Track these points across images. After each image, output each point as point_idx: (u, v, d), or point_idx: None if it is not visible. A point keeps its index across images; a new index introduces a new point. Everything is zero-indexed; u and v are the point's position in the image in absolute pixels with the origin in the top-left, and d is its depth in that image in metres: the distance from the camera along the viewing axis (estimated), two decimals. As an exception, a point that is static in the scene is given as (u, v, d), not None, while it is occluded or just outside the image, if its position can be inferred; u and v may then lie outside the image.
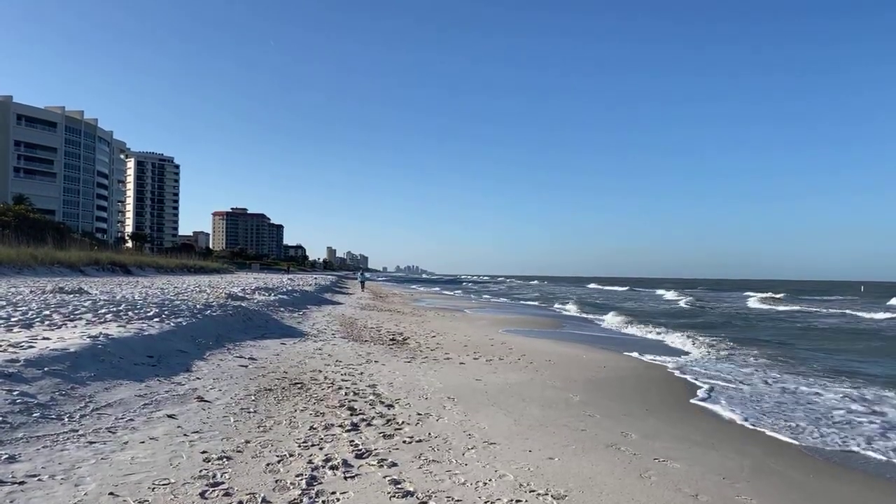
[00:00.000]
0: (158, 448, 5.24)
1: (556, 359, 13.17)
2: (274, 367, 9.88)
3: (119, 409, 6.37)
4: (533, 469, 5.35)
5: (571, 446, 6.22)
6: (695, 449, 6.44)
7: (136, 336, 9.56)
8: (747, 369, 12.70)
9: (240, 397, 7.51)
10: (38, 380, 6.46)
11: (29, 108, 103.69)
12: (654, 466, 5.68)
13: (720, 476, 5.52)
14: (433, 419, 7.05)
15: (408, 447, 5.82)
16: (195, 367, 9.14)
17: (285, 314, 19.52)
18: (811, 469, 6.07)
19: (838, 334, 23.22)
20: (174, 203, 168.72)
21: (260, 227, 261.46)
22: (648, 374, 11.82)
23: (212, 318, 13.55)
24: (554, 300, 48.66)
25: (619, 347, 16.29)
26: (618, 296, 63.73)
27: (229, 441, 5.62)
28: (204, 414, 6.55)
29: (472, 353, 13.53)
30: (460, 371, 10.91)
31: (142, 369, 8.22)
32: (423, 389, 8.88)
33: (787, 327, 26.44)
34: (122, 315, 11.48)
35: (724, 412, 8.50)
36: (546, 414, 7.71)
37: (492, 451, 5.87)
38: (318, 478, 4.81)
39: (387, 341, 15.11)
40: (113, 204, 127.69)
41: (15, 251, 32.98)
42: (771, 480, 5.55)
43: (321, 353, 12.10)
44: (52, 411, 5.83)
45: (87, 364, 7.45)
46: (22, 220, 55.06)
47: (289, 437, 5.93)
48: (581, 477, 5.23)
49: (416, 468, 5.20)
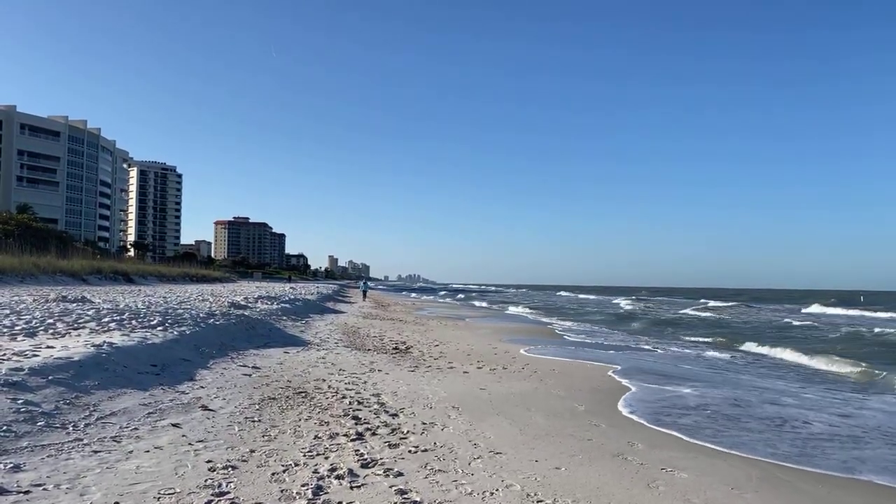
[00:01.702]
0: (163, 457, 5.22)
1: (560, 367, 13.13)
2: (277, 376, 9.85)
3: (123, 417, 6.34)
4: (540, 479, 5.31)
5: (578, 456, 6.18)
6: (702, 458, 6.39)
7: (139, 345, 9.55)
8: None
9: (244, 406, 7.48)
10: (43, 388, 6.44)
11: (32, 117, 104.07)
12: (662, 476, 5.64)
13: (728, 486, 5.47)
14: (438, 428, 7.02)
15: (413, 456, 5.78)
16: (199, 376, 9.11)
17: (288, 323, 19.50)
18: (820, 479, 6.02)
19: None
20: (176, 212, 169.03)
21: (262, 236, 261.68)
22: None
23: (215, 326, 13.54)
24: (555, 311, 48.53)
25: (620, 358, 16.22)
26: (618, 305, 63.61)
27: (234, 450, 5.59)
28: (208, 423, 6.52)
29: (476, 361, 13.49)
30: (464, 380, 10.87)
31: (146, 378, 8.20)
32: (428, 398, 8.85)
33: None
34: (125, 324, 11.47)
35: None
36: (551, 423, 7.67)
37: (498, 460, 5.83)
38: (323, 487, 4.77)
39: (390, 350, 15.07)
40: (115, 213, 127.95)
41: (18, 260, 32.99)
42: (780, 491, 5.50)
43: (324, 361, 12.07)
44: (57, 420, 5.81)
45: (92, 373, 7.43)
46: (25, 229, 55.12)
47: (293, 446, 5.90)
48: (588, 487, 5.20)
49: (423, 478, 5.16)
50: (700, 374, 13.26)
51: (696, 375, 12.87)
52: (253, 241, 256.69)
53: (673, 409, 9.00)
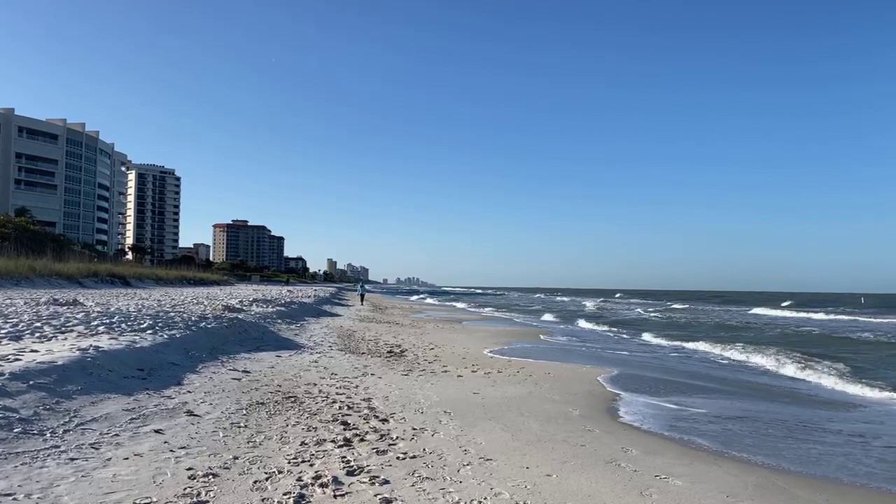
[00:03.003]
0: (142, 464, 5.07)
1: (556, 371, 12.98)
2: (268, 381, 9.69)
3: (104, 423, 6.19)
4: (530, 486, 5.17)
5: (570, 462, 6.03)
6: (697, 465, 6.25)
7: (127, 348, 9.39)
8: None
9: (231, 411, 7.33)
10: (23, 394, 6.29)
11: (30, 120, 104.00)
12: (656, 484, 5.49)
13: (724, 494, 5.33)
14: (428, 434, 6.87)
15: (401, 463, 5.64)
16: (187, 381, 8.95)
17: (282, 326, 19.33)
18: (817, 487, 5.88)
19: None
20: (175, 215, 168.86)
21: (260, 239, 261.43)
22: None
23: (206, 330, 13.38)
24: (554, 312, 48.42)
25: (615, 361, 16.08)
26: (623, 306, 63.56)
27: (217, 457, 5.45)
28: (193, 429, 6.37)
29: (471, 365, 13.34)
30: (458, 384, 10.72)
31: (131, 382, 8.04)
32: (420, 403, 8.70)
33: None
34: (114, 327, 11.31)
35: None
36: (544, 428, 7.53)
37: (488, 467, 5.68)
38: (306, 496, 4.63)
39: (384, 354, 14.92)
40: (113, 216, 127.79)
41: (14, 263, 32.78)
42: (777, 498, 5.36)
43: (317, 365, 11.91)
44: (35, 426, 5.65)
45: (75, 377, 7.28)
46: (22, 232, 54.93)
47: (279, 452, 5.75)
48: (580, 495, 5.05)
49: (409, 486, 5.02)
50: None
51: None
52: (252, 244, 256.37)
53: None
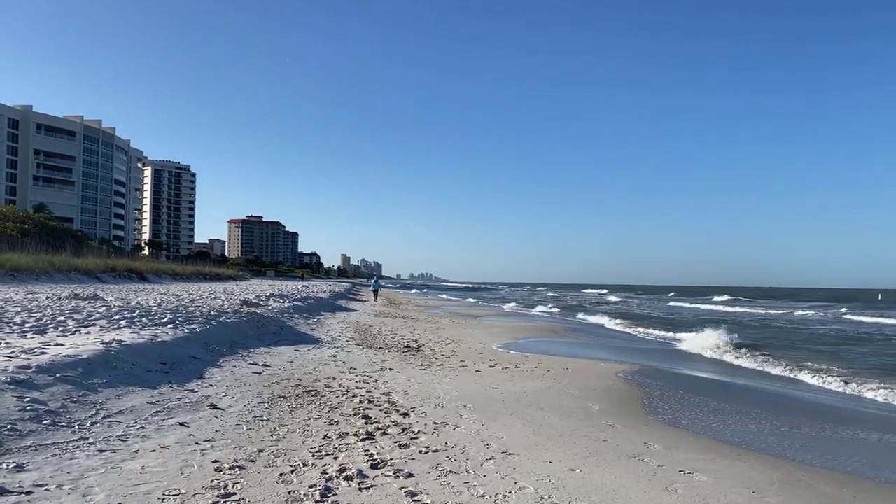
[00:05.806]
0: (169, 457, 5.12)
1: (574, 366, 12.94)
2: (288, 375, 9.75)
3: (130, 416, 6.26)
4: (554, 481, 5.16)
5: (593, 457, 6.02)
6: (720, 461, 6.21)
7: (149, 342, 9.48)
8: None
9: (253, 405, 7.38)
10: (50, 386, 6.37)
11: (48, 117, 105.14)
12: (680, 479, 5.46)
13: (749, 490, 5.29)
14: (450, 428, 6.88)
15: (424, 457, 5.65)
16: (208, 374, 9.03)
17: (299, 321, 19.44)
18: (844, 483, 5.82)
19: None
20: (190, 211, 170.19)
21: (275, 235, 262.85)
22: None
23: (226, 324, 13.48)
24: (571, 309, 48.29)
25: (636, 355, 16.01)
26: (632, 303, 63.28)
27: (242, 450, 5.49)
28: (216, 422, 6.43)
29: (488, 360, 13.34)
30: (476, 379, 10.72)
31: (154, 376, 8.13)
32: (439, 398, 8.71)
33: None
34: (135, 321, 11.43)
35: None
36: (565, 423, 7.51)
37: (511, 461, 5.68)
38: (332, 489, 4.65)
39: (401, 348, 14.96)
40: (130, 212, 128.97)
41: (33, 258, 33.22)
42: (803, 494, 5.31)
43: (335, 360, 11.97)
44: (63, 418, 5.73)
45: (100, 370, 7.37)
46: (41, 228, 55.63)
47: (302, 445, 5.79)
48: (604, 490, 5.04)
49: (433, 479, 5.03)
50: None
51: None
52: (266, 240, 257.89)
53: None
